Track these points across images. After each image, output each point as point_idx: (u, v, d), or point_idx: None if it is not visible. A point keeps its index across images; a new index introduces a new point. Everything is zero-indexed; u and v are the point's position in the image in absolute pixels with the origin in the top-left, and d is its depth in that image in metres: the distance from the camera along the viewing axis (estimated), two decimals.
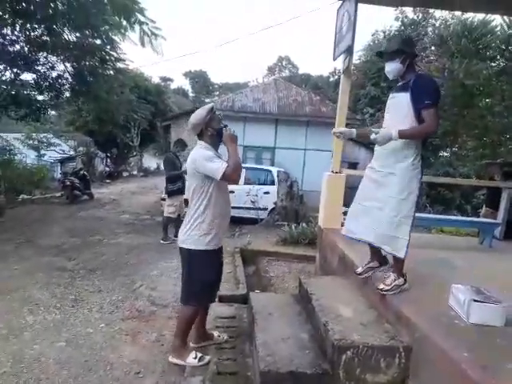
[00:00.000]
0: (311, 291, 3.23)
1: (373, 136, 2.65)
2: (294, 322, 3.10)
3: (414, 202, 2.67)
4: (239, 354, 2.93)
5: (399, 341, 2.42)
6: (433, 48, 21.08)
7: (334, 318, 2.72)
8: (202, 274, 2.73)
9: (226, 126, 2.75)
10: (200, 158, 2.64)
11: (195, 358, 2.76)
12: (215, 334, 3.12)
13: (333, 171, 4.84)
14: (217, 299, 4.01)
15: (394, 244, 2.71)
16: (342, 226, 5.14)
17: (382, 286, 2.78)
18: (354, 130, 3.06)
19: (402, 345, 2.38)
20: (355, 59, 17.15)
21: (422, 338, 2.26)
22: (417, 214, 2.79)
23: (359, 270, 3.07)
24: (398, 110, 2.70)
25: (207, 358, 2.81)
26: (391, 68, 2.77)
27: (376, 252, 3.04)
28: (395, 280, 2.80)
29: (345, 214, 3.51)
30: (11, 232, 7.51)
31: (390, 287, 2.79)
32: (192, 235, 2.70)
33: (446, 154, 23.84)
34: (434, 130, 2.61)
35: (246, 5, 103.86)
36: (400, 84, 2.78)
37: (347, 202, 5.52)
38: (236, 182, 2.77)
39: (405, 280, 2.82)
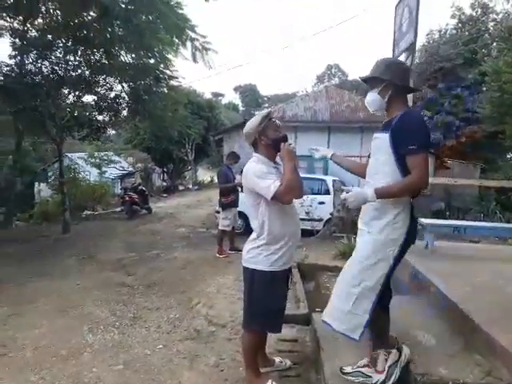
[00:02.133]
0: None
1: (343, 196, 2.09)
2: (363, 348, 2.79)
3: (385, 272, 2.08)
4: (305, 383, 2.67)
5: (497, 378, 2.04)
6: (494, 44, 19.69)
7: (414, 346, 2.39)
8: (266, 298, 2.42)
9: (285, 140, 2.42)
10: (250, 173, 2.37)
11: None
12: (277, 359, 2.86)
13: None
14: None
15: (348, 321, 2.15)
16: None
17: (376, 379, 2.18)
18: (331, 151, 2.64)
19: (501, 383, 2.01)
20: None
21: None
22: (486, 224, 2.32)
23: (348, 368, 2.38)
24: (379, 155, 2.17)
25: None
26: (369, 99, 2.25)
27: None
28: (386, 358, 2.18)
29: None
30: (75, 247, 7.83)
31: (385, 374, 2.14)
32: (256, 254, 2.42)
33: None
34: (422, 185, 2.03)
35: (290, 15, 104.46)
36: (385, 121, 2.23)
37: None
38: (289, 203, 2.41)
39: (398, 351, 2.19)
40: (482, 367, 2.14)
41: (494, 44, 18.90)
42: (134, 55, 9.43)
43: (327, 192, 9.31)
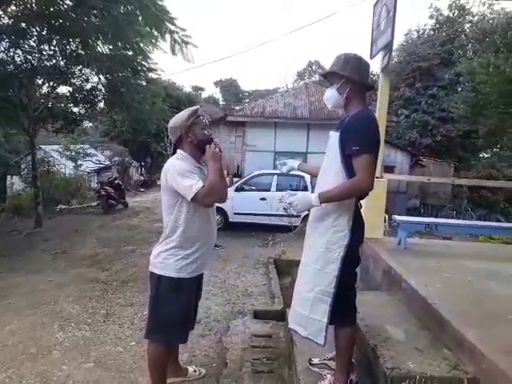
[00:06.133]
0: None
1: (289, 200, 2.04)
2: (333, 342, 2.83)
3: (335, 275, 2.02)
4: (278, 379, 2.68)
5: (463, 371, 2.10)
6: (469, 46, 20.25)
7: (384, 340, 2.43)
8: (169, 307, 2.26)
9: (211, 141, 2.32)
10: (172, 170, 2.20)
11: None
12: (190, 368, 2.74)
13: None
14: (251, 315, 3.80)
15: (310, 326, 2.13)
16: (385, 235, 4.85)
17: None
18: (297, 162, 2.58)
19: (466, 376, 2.07)
20: None
21: (491, 370, 1.93)
22: (457, 221, 2.34)
23: (315, 360, 2.42)
24: (329, 154, 2.11)
25: None
26: (327, 95, 2.15)
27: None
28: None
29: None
30: (48, 242, 7.65)
31: None
32: (164, 259, 2.28)
33: (486, 155, 22.74)
34: (366, 188, 1.97)
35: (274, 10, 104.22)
36: (341, 120, 2.18)
37: (388, 209, 5.20)
38: (210, 206, 2.33)
39: None
40: (449, 361, 2.19)
41: (470, 45, 19.39)
42: (111, 46, 9.22)
43: (305, 188, 9.40)
